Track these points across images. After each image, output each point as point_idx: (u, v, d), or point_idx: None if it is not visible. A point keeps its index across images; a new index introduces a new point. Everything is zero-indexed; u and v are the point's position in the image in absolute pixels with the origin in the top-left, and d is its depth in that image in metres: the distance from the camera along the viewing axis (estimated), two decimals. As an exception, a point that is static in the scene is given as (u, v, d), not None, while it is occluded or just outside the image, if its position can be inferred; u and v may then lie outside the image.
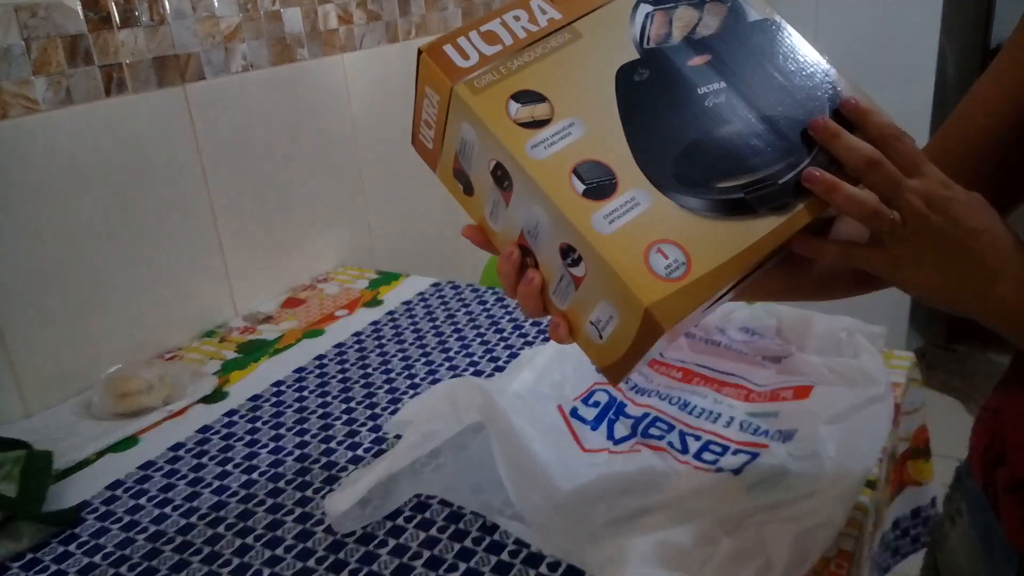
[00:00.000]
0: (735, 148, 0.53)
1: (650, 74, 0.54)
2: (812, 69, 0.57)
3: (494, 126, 0.51)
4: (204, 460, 0.84)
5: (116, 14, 1.00)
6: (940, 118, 2.17)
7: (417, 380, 0.97)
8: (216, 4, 1.12)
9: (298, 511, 0.74)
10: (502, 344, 1.04)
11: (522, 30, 0.54)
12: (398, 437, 0.84)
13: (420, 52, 0.54)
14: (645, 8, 0.56)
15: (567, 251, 0.50)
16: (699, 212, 0.51)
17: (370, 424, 0.88)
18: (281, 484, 0.78)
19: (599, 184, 0.50)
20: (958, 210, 0.50)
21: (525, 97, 0.52)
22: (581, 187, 0.49)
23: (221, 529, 0.73)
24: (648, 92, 0.54)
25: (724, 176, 0.52)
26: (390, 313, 1.17)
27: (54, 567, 0.70)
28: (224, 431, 0.89)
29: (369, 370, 1.00)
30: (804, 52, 0.58)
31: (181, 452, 0.86)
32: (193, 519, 0.74)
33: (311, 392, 0.96)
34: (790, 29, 0.59)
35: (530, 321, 1.08)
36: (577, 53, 0.54)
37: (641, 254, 0.49)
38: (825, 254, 0.54)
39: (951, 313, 0.58)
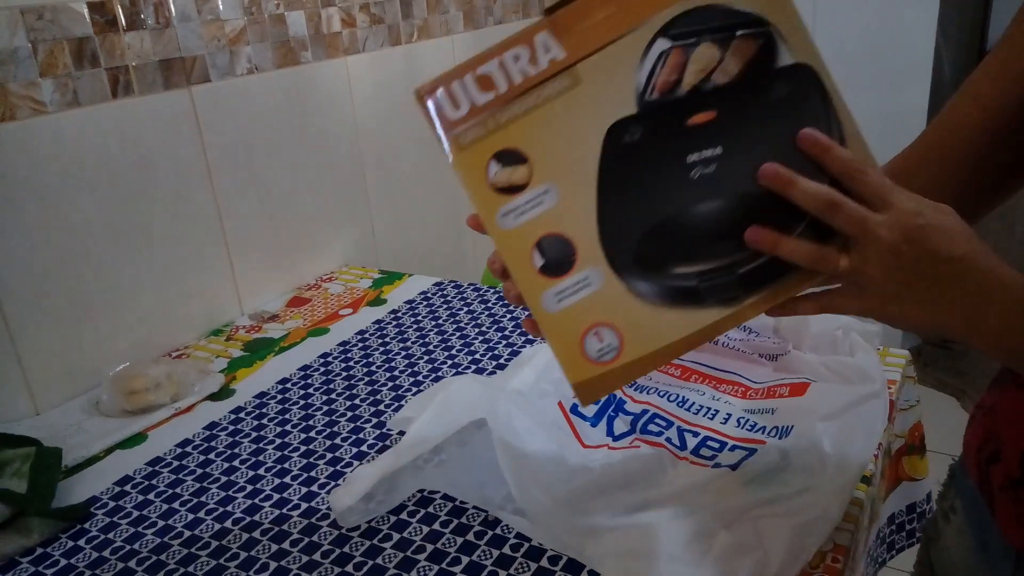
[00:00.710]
0: (705, 229, 0.52)
1: (642, 134, 0.51)
2: (835, 134, 0.51)
3: (471, 189, 0.52)
4: (211, 456, 0.85)
5: (122, 17, 1.01)
6: (938, 118, 2.18)
7: (420, 377, 0.98)
8: (221, 7, 1.13)
9: (304, 506, 0.75)
10: (503, 342, 1.05)
11: (519, 73, 0.51)
12: (401, 434, 0.85)
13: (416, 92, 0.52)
14: (661, 44, 0.51)
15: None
16: (647, 298, 0.52)
17: (374, 421, 0.89)
18: (287, 479, 0.80)
19: (558, 261, 0.52)
20: (935, 239, 0.48)
21: (506, 158, 0.52)
22: (540, 261, 0.52)
23: (228, 524, 0.74)
24: (634, 157, 0.52)
25: (684, 260, 0.52)
26: (393, 312, 1.19)
27: (64, 562, 0.71)
28: (231, 428, 0.91)
29: (373, 368, 1.02)
30: (832, 110, 0.52)
31: (189, 448, 0.87)
32: (201, 514, 0.76)
33: (316, 389, 0.97)
34: (827, 78, 0.52)
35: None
36: (572, 104, 0.51)
37: (579, 337, 0.52)
38: (802, 311, 0.52)
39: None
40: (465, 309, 1.17)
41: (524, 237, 0.52)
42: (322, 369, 1.03)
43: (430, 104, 0.52)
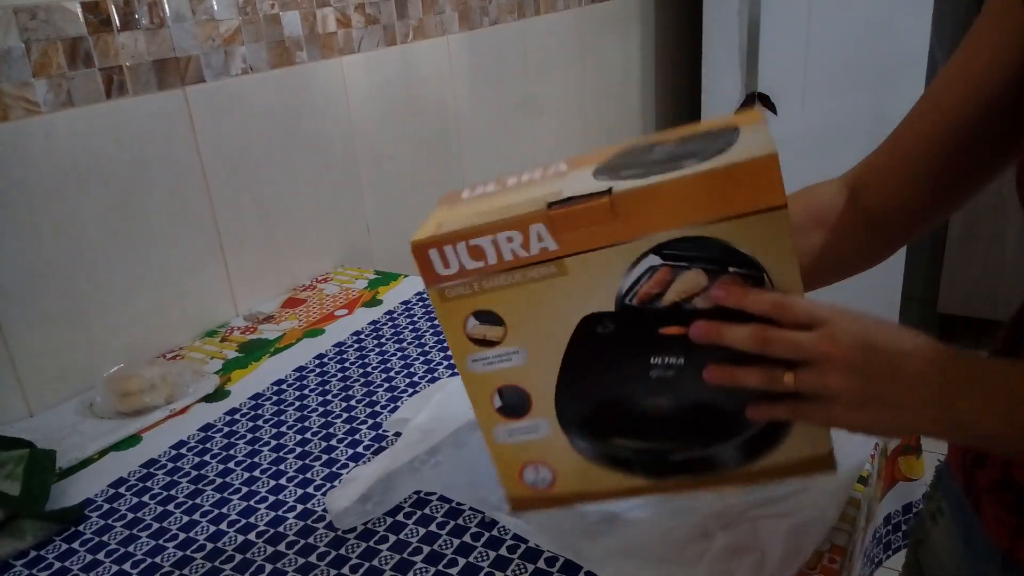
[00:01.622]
0: (649, 419, 0.55)
1: (614, 330, 0.53)
2: None
3: (449, 333, 0.55)
4: (207, 458, 0.85)
5: (116, 17, 1.00)
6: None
7: (416, 378, 0.98)
8: (215, 7, 1.12)
9: (300, 507, 0.75)
10: (500, 343, 1.05)
11: (511, 253, 0.52)
12: (397, 435, 0.85)
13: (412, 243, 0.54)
14: (652, 260, 0.51)
15: None
16: (585, 454, 0.58)
17: (370, 422, 0.89)
18: (283, 481, 0.79)
19: (514, 406, 0.57)
20: (881, 338, 0.48)
21: (485, 317, 0.54)
22: (499, 403, 0.57)
23: (223, 526, 0.74)
24: (602, 346, 0.54)
25: (624, 436, 0.56)
26: (389, 313, 1.18)
27: (58, 564, 0.71)
28: (226, 429, 0.90)
29: (369, 369, 1.01)
30: None
31: (184, 450, 0.87)
32: (196, 516, 0.75)
33: (311, 391, 0.97)
34: None
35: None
36: (553, 290, 0.52)
37: (519, 466, 0.59)
38: (776, 414, 0.53)
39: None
40: (461, 310, 1.16)
41: (488, 382, 0.56)
42: (317, 370, 1.02)
43: (424, 257, 0.53)
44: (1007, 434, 0.48)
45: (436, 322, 1.14)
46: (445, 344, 1.06)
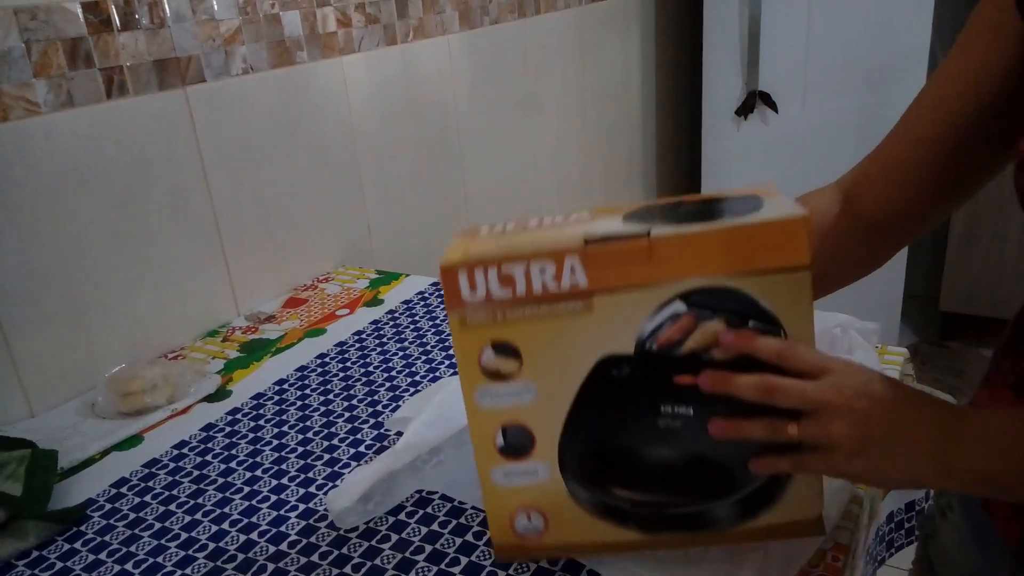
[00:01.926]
0: (652, 469, 0.56)
1: (629, 374, 0.54)
2: None
3: (463, 362, 0.55)
4: (208, 458, 0.85)
5: (116, 17, 1.00)
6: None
7: (418, 378, 0.98)
8: (216, 7, 1.12)
9: (302, 507, 0.75)
10: (501, 342, 1.05)
11: (541, 285, 0.53)
12: (399, 434, 0.85)
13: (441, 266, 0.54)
14: (677, 307, 0.53)
15: None
16: (581, 502, 0.58)
17: (372, 421, 0.89)
18: (284, 480, 0.79)
19: (516, 447, 0.57)
20: (881, 389, 0.50)
21: (502, 349, 0.55)
22: (501, 442, 0.57)
23: (225, 525, 0.74)
24: (615, 389, 0.55)
25: (623, 486, 0.57)
26: (390, 312, 1.18)
27: (60, 564, 0.71)
28: (228, 429, 0.90)
29: (370, 368, 1.01)
30: None
31: (185, 450, 0.87)
32: (198, 516, 0.75)
33: (313, 390, 0.97)
34: None
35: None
36: (576, 327, 0.53)
37: (512, 511, 0.59)
38: (780, 467, 0.54)
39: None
40: (462, 309, 1.16)
41: (493, 419, 0.56)
42: (319, 370, 1.02)
43: (453, 279, 0.53)
44: (1002, 480, 0.49)
45: (438, 321, 1.14)
46: (447, 343, 1.06)
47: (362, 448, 0.84)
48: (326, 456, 0.83)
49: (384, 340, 1.09)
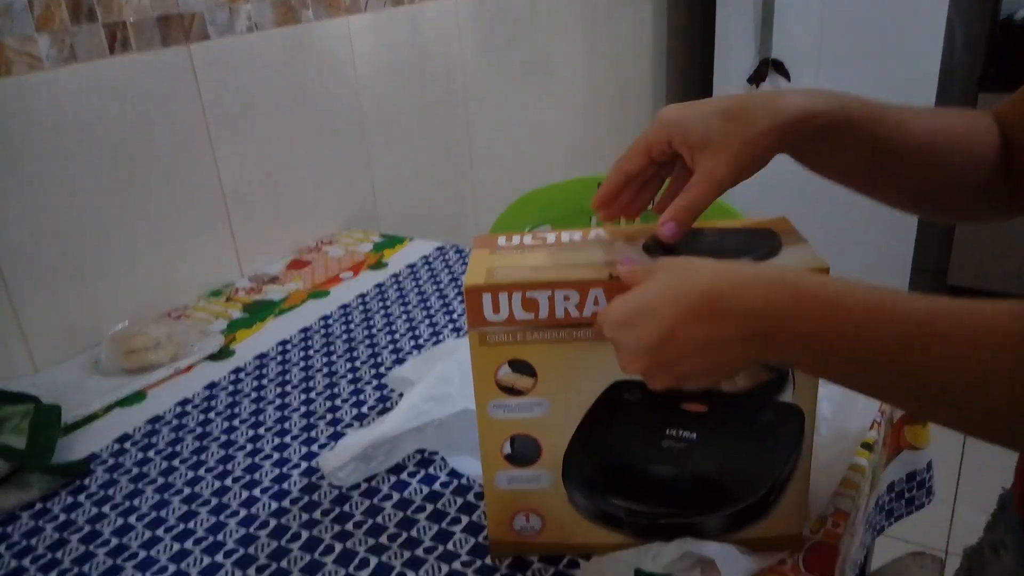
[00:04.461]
0: (649, 484, 0.58)
1: (640, 398, 0.55)
2: (791, 461, 0.58)
3: (478, 376, 0.56)
4: (211, 415, 0.85)
5: (120, -30, 0.99)
6: (945, 92, 2.15)
7: (421, 341, 0.98)
8: (220, -38, 1.11)
9: (304, 465, 0.75)
10: (505, 307, 1.04)
11: (563, 312, 0.54)
12: (401, 394, 0.85)
13: (465, 285, 0.55)
14: None
15: None
16: (579, 508, 0.60)
17: (375, 383, 0.89)
18: (287, 439, 0.80)
19: (522, 456, 0.59)
20: (669, 310, 0.48)
21: (519, 366, 0.56)
22: (508, 451, 0.59)
23: (228, 482, 0.74)
24: (624, 411, 0.57)
25: (621, 496, 0.59)
26: (394, 276, 1.18)
27: (63, 517, 0.71)
28: (231, 388, 0.90)
29: (374, 331, 1.01)
30: (800, 448, 0.57)
31: (188, 408, 0.87)
32: (201, 471, 0.76)
33: (316, 351, 0.97)
34: (808, 423, 0.57)
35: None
36: (593, 353, 0.55)
37: (511, 513, 0.61)
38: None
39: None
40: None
41: (504, 429, 0.58)
42: (322, 331, 1.02)
43: (476, 300, 0.54)
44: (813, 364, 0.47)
45: (442, 285, 1.13)
46: (450, 307, 1.06)
47: (364, 409, 0.84)
48: (329, 416, 0.83)
49: (388, 303, 1.09)
